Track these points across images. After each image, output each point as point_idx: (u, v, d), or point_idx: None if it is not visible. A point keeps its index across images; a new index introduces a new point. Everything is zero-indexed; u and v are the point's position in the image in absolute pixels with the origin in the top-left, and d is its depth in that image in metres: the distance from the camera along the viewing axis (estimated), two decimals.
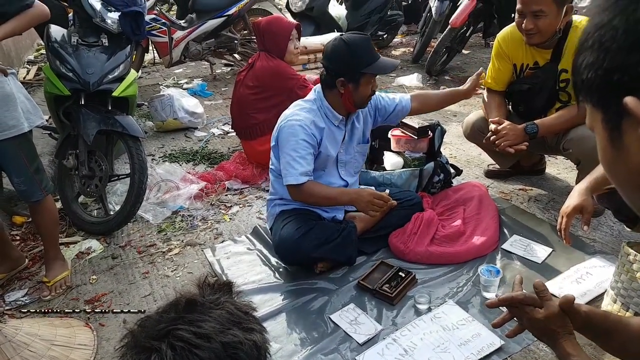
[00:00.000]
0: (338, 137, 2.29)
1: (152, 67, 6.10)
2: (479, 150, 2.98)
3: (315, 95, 2.25)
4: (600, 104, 0.59)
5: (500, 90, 2.61)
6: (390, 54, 6.18)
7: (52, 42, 2.61)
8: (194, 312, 0.75)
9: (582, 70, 0.58)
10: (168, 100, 3.97)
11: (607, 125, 0.58)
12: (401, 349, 1.79)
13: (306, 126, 2.14)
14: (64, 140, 2.73)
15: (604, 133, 0.59)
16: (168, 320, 0.74)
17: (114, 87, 2.65)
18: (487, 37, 5.41)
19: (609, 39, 0.54)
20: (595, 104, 0.60)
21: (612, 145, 0.59)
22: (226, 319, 0.76)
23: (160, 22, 4.67)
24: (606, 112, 0.58)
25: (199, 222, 2.79)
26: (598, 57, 0.55)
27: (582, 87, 0.60)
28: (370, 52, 2.13)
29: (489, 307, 1.26)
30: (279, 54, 3.10)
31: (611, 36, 0.54)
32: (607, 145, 0.60)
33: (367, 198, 2.12)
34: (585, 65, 0.58)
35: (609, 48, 0.54)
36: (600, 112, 0.59)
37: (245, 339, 0.74)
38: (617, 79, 0.54)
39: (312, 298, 2.12)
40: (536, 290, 1.15)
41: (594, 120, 0.61)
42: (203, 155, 3.62)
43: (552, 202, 2.71)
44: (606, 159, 0.62)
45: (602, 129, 0.60)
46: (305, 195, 2.16)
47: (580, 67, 0.59)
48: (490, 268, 2.03)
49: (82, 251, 2.59)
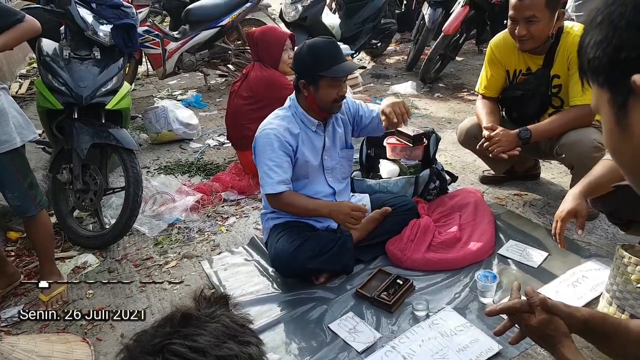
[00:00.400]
0: (317, 143, 2.29)
1: (145, 79, 6.10)
2: (474, 157, 2.99)
3: (291, 102, 2.28)
4: (607, 84, 0.58)
5: (494, 97, 2.63)
6: (385, 62, 6.21)
7: (43, 56, 2.61)
8: (189, 326, 0.75)
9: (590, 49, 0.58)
10: (162, 112, 3.97)
11: (614, 105, 0.58)
12: (400, 356, 1.79)
13: (280, 134, 2.16)
14: (57, 154, 2.72)
15: (610, 113, 0.59)
16: (163, 334, 0.73)
17: (107, 100, 2.65)
18: (480, 43, 5.44)
19: (618, 15, 0.54)
20: (601, 83, 0.59)
21: (618, 125, 0.58)
22: (222, 333, 0.75)
23: (153, 33, 4.68)
24: (613, 91, 0.57)
25: (196, 234, 2.78)
26: (607, 35, 0.55)
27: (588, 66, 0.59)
28: (330, 56, 2.13)
29: (488, 315, 1.26)
30: (273, 64, 3.11)
31: (620, 13, 0.53)
32: (613, 126, 0.59)
33: (345, 211, 2.13)
34: (593, 43, 0.57)
35: (617, 25, 0.53)
36: (606, 92, 0.58)
37: (241, 352, 0.74)
38: (625, 57, 0.53)
39: (310, 307, 2.11)
40: (527, 297, 1.16)
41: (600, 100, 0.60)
42: (198, 167, 3.62)
43: (547, 206, 2.72)
44: (612, 140, 0.61)
45: (609, 110, 0.59)
46: (284, 205, 2.18)
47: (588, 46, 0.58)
48: (487, 273, 2.03)
49: (78, 266, 2.58)
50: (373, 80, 5.53)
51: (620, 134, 0.58)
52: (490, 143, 2.35)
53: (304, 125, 2.25)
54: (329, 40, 2.19)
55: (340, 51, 2.19)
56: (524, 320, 1.15)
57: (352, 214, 2.13)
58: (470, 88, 4.89)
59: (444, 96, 4.82)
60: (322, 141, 2.30)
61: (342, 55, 2.18)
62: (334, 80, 2.15)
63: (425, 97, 4.83)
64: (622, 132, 0.58)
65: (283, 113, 2.26)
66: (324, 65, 2.12)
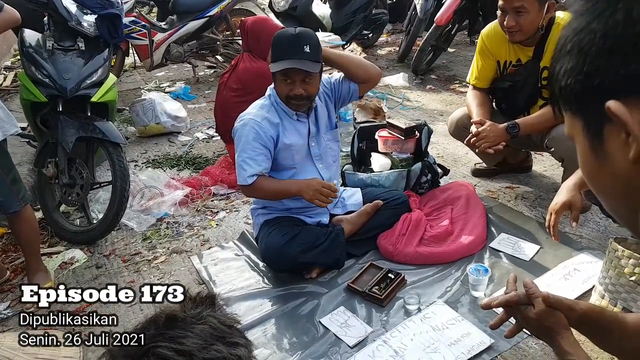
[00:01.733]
0: (302, 130, 2.24)
1: (132, 70, 6.02)
2: (466, 149, 2.98)
3: (271, 90, 2.24)
4: (581, 111, 0.57)
5: (484, 88, 2.61)
6: (376, 54, 6.17)
7: (26, 47, 2.55)
8: (174, 328, 0.72)
9: (561, 77, 0.57)
10: (150, 105, 3.90)
11: (588, 132, 0.57)
12: (392, 350, 1.78)
13: (256, 124, 2.12)
14: (42, 148, 2.67)
15: (585, 141, 0.58)
16: (147, 337, 0.71)
17: (92, 93, 2.60)
18: (472, 34, 5.42)
19: (588, 42, 0.53)
20: (575, 111, 0.58)
21: (594, 153, 0.57)
22: (209, 334, 0.73)
23: (139, 24, 4.60)
24: (587, 119, 0.56)
25: (185, 229, 2.75)
26: (577, 62, 0.54)
27: (560, 94, 0.59)
28: (282, 49, 2.06)
29: (484, 308, 1.25)
30: (262, 56, 3.07)
31: (590, 40, 0.53)
32: (588, 154, 0.58)
33: (315, 187, 2.08)
34: (564, 71, 0.56)
35: (588, 52, 0.53)
36: (580, 120, 0.58)
37: (230, 355, 0.72)
38: (597, 83, 0.52)
39: (301, 302, 2.10)
40: (526, 288, 1.15)
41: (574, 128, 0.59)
42: (187, 161, 3.57)
43: (539, 199, 2.71)
44: (588, 169, 0.60)
45: (583, 138, 0.58)
46: (256, 192, 2.20)
47: (559, 74, 0.58)
48: (479, 267, 2.03)
49: (65, 261, 2.54)
50: None
51: (597, 161, 0.57)
52: (477, 138, 2.34)
53: (285, 114, 2.21)
54: (292, 32, 2.09)
55: (299, 47, 2.04)
56: (521, 313, 1.15)
57: (321, 190, 2.08)
58: (462, 80, 4.87)
59: (436, 88, 4.80)
60: (306, 128, 2.26)
61: (299, 52, 2.04)
62: (282, 75, 2.09)
63: (417, 89, 4.81)
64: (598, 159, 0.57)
65: (262, 102, 2.23)
66: (274, 58, 2.08)
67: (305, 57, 2.05)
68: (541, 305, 1.10)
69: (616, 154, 0.54)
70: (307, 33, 2.12)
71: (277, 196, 2.23)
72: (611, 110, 0.50)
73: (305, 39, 2.08)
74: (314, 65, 2.07)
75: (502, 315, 1.22)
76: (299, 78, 2.08)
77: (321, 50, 2.15)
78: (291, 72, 2.07)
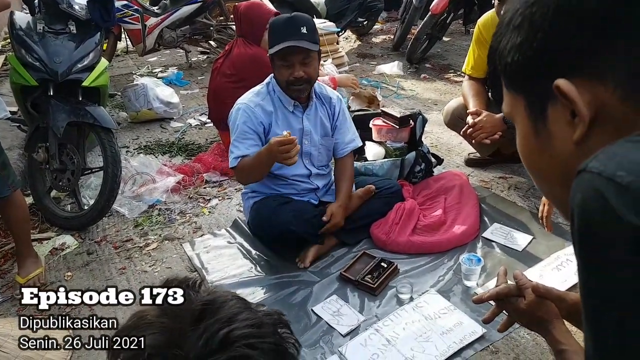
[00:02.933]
0: (294, 124, 2.21)
1: (125, 55, 5.94)
2: (460, 139, 2.98)
3: (270, 78, 2.23)
4: (524, 90, 0.55)
5: (480, 78, 2.60)
6: (371, 41, 6.14)
7: (16, 30, 2.51)
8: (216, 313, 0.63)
9: (507, 52, 0.55)
10: (142, 90, 3.86)
11: (531, 111, 0.55)
12: (384, 339, 1.79)
13: (249, 109, 2.12)
14: (33, 132, 2.64)
15: (527, 121, 0.56)
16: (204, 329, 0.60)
17: (83, 77, 2.57)
18: (467, 23, 5.40)
19: (540, 16, 0.50)
20: (518, 89, 0.56)
21: (536, 133, 0.55)
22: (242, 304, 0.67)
23: (132, 8, 4.53)
24: (530, 98, 0.55)
25: (177, 216, 2.73)
26: (527, 37, 0.52)
27: (505, 71, 0.56)
28: (279, 33, 2.05)
29: (475, 303, 1.25)
30: (256, 41, 3.03)
31: (542, 14, 0.50)
32: (529, 135, 0.56)
33: (275, 147, 1.91)
34: (510, 46, 0.54)
35: (540, 26, 0.50)
36: (523, 98, 0.56)
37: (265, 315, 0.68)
38: (547, 60, 0.51)
39: (294, 291, 2.09)
40: (515, 280, 1.15)
41: (515, 107, 0.57)
42: (180, 147, 3.54)
43: (532, 189, 2.72)
44: (527, 149, 0.58)
45: (525, 117, 0.56)
46: (242, 173, 2.16)
47: (504, 50, 0.55)
48: (472, 257, 2.03)
49: (56, 247, 2.52)
50: (359, 59, 5.47)
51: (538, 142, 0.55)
52: (474, 129, 2.34)
53: (280, 104, 2.19)
54: (288, 16, 2.10)
55: (296, 29, 2.03)
56: (512, 305, 1.14)
57: (280, 150, 1.90)
58: (457, 69, 4.86)
59: (431, 77, 4.79)
60: (300, 124, 2.23)
61: (296, 34, 2.03)
62: (281, 59, 2.07)
63: (412, 78, 4.79)
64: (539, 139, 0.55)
65: (259, 89, 2.22)
66: (272, 42, 2.07)
67: (302, 37, 2.04)
68: (531, 295, 1.10)
69: (558, 135, 0.52)
70: (303, 16, 2.12)
71: (257, 169, 2.10)
72: (560, 89, 0.49)
73: (302, 21, 2.08)
74: (311, 45, 2.07)
75: (494, 309, 1.21)
76: (297, 60, 2.06)
77: (318, 36, 2.14)
78: (290, 54, 2.05)
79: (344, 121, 2.35)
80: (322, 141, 2.31)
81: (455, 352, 1.72)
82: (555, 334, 1.04)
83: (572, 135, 0.51)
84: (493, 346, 1.75)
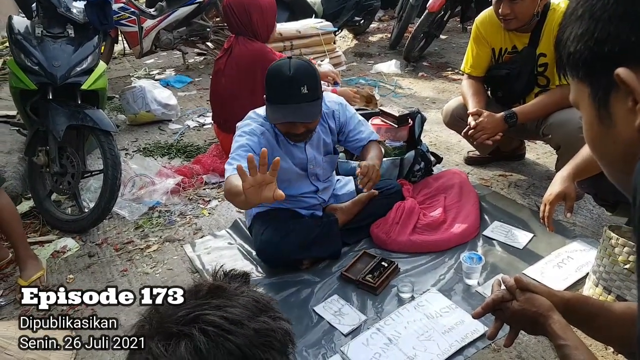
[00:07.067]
0: (297, 154, 2.17)
1: (122, 58, 5.93)
2: (459, 137, 2.97)
3: (265, 113, 2.10)
4: (588, 78, 0.57)
5: (479, 76, 2.60)
6: (367, 40, 6.14)
7: (15, 34, 2.51)
8: (219, 297, 0.71)
9: (570, 42, 0.56)
10: (140, 92, 3.86)
11: (595, 99, 0.56)
12: (385, 338, 1.79)
13: (254, 134, 2.02)
14: (32, 136, 2.64)
15: (591, 108, 0.58)
16: (191, 305, 0.69)
17: (82, 80, 2.57)
18: (464, 21, 5.40)
19: (600, 8, 0.52)
20: (582, 78, 0.58)
21: (600, 120, 0.57)
22: (253, 306, 0.71)
23: (129, 10, 4.53)
24: (594, 85, 0.56)
25: (177, 218, 2.73)
26: (589, 28, 0.53)
27: (569, 60, 0.58)
28: (274, 93, 1.96)
29: (475, 317, 1.24)
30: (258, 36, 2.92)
31: (602, 5, 0.52)
32: (594, 121, 0.58)
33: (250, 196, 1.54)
34: (573, 37, 0.56)
35: (600, 17, 0.52)
36: (587, 87, 0.57)
37: (277, 327, 0.71)
38: (608, 50, 0.52)
39: (295, 291, 2.10)
40: (504, 283, 1.15)
41: (580, 95, 0.59)
42: (178, 149, 3.54)
43: (532, 187, 2.72)
44: (592, 136, 0.60)
45: (589, 104, 0.58)
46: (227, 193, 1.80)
47: (567, 40, 0.57)
48: (472, 255, 2.03)
49: (57, 250, 2.52)
50: (356, 59, 5.47)
51: (602, 128, 0.57)
52: (475, 130, 2.34)
53: (282, 138, 2.12)
54: (285, 75, 1.92)
55: (294, 91, 1.92)
56: (508, 310, 1.14)
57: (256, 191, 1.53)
58: (454, 67, 4.86)
59: (428, 75, 4.79)
60: (303, 153, 2.17)
61: (296, 96, 1.93)
62: None
63: (409, 76, 4.79)
64: (603, 125, 0.57)
65: (261, 120, 2.09)
66: (268, 98, 1.99)
67: (304, 99, 1.94)
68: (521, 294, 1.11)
69: (621, 121, 0.54)
70: (302, 72, 1.95)
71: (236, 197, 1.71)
72: (620, 77, 0.50)
73: (302, 80, 1.93)
74: (313, 107, 1.98)
75: (495, 323, 1.20)
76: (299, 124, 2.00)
77: (319, 84, 2.02)
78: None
79: (354, 121, 2.28)
80: (325, 159, 2.28)
81: (457, 351, 1.72)
82: (555, 328, 1.04)
83: (634, 122, 0.52)
84: (495, 344, 1.75)
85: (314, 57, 4.21)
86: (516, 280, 1.12)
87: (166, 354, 0.63)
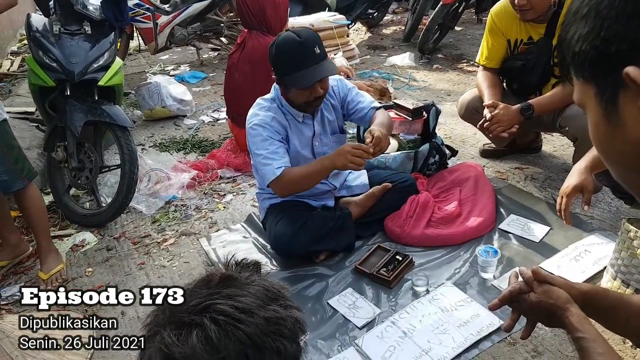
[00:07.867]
0: (307, 132, 2.20)
1: (137, 54, 5.99)
2: (474, 130, 2.95)
3: (274, 92, 2.17)
4: (594, 78, 0.56)
5: (495, 68, 2.57)
6: (381, 33, 6.10)
7: (33, 32, 2.55)
8: (230, 287, 0.72)
9: (575, 42, 0.55)
10: (155, 88, 3.90)
11: (602, 99, 0.55)
12: (400, 331, 1.79)
13: (267, 124, 2.07)
14: (51, 132, 2.68)
15: (598, 108, 0.57)
16: (202, 295, 0.71)
17: (99, 77, 2.60)
18: (479, 12, 5.34)
19: (607, 6, 0.51)
20: (588, 78, 0.57)
21: (607, 120, 0.56)
22: (264, 295, 0.73)
23: (144, 7, 4.57)
24: (600, 85, 0.55)
25: (193, 212, 2.76)
26: (594, 27, 0.52)
27: (573, 61, 0.57)
28: (293, 61, 1.98)
29: (491, 309, 1.23)
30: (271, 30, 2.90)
31: (609, 3, 0.51)
32: (600, 122, 0.57)
33: (347, 150, 1.96)
34: (578, 36, 0.55)
35: (606, 16, 0.51)
36: (593, 87, 0.56)
37: (287, 316, 0.72)
38: (615, 49, 0.51)
39: (309, 284, 2.11)
40: (521, 276, 1.14)
41: (586, 95, 0.58)
42: (193, 144, 3.57)
43: (549, 180, 2.69)
44: (599, 136, 0.59)
45: (596, 104, 0.57)
46: (288, 185, 2.05)
47: (572, 40, 0.56)
48: (488, 249, 2.02)
49: (76, 244, 2.56)
50: (370, 52, 5.45)
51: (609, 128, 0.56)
52: (491, 123, 2.32)
53: (291, 117, 2.16)
54: (296, 41, 1.98)
55: (310, 53, 1.98)
56: (525, 303, 1.13)
57: (354, 153, 1.95)
58: (469, 59, 4.81)
59: (443, 67, 4.75)
60: (311, 130, 2.21)
61: (313, 57, 1.98)
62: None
63: (424, 69, 4.76)
64: (611, 126, 0.56)
65: (268, 104, 2.15)
66: (287, 70, 2.01)
67: (319, 59, 2.00)
68: (539, 286, 1.10)
69: (630, 121, 0.53)
70: (309, 35, 2.03)
71: (309, 179, 2.07)
72: (630, 76, 0.49)
73: (312, 41, 2.00)
74: (330, 64, 2.04)
75: (512, 315, 1.19)
76: (318, 82, 2.04)
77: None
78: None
79: (352, 93, 2.30)
80: (333, 139, 2.29)
81: (473, 344, 1.71)
82: (573, 321, 1.02)
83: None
84: (511, 338, 1.74)
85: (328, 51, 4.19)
86: (534, 272, 1.11)
87: (178, 343, 0.65)
